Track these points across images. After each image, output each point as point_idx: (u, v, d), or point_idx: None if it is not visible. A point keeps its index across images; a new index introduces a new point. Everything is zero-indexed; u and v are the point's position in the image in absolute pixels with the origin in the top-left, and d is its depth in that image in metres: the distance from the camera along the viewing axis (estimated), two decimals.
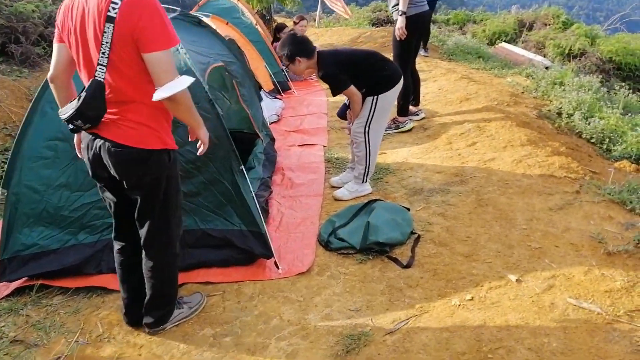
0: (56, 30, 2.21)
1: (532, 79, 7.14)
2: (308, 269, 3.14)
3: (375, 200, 3.75)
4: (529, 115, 5.27)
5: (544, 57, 9.50)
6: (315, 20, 14.03)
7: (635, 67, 8.49)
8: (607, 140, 4.94)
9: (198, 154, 2.44)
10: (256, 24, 7.49)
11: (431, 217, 3.50)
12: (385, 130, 5.29)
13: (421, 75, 7.26)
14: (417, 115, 5.53)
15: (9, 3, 7.41)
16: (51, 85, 2.33)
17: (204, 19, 5.80)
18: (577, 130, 5.17)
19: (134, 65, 2.03)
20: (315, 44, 3.78)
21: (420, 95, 5.99)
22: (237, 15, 7.55)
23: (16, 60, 7.12)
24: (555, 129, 5.16)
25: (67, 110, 2.12)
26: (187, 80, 2.03)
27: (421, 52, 8.78)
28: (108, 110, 2.12)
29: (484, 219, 3.36)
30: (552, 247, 2.95)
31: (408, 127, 5.27)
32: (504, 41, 10.79)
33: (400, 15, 4.78)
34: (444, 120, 5.33)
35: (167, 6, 4.70)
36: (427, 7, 5.06)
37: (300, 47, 3.61)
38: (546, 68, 8.34)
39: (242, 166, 3.36)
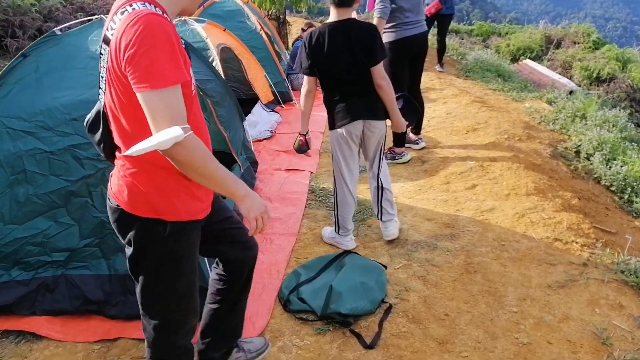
0: None
1: (553, 105, 6.56)
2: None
3: (349, 252, 3.28)
4: (541, 154, 4.72)
5: (570, 78, 8.86)
6: None
7: None
8: (630, 189, 4.38)
9: (249, 234, 1.78)
10: (260, 30, 7.04)
11: (410, 279, 3.02)
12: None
13: (431, 95, 6.78)
14: (417, 144, 5.03)
15: None
16: None
17: (197, 25, 5.41)
18: (595, 175, 4.61)
19: (131, 104, 1.51)
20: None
21: (425, 119, 5.49)
22: (242, 19, 7.12)
23: (12, 54, 6.83)
24: (571, 171, 4.60)
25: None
26: (168, 134, 1.40)
27: (436, 67, 8.26)
28: (116, 152, 1.73)
29: (469, 292, 2.86)
30: (543, 342, 2.44)
31: (405, 159, 4.77)
32: (529, 58, 10.15)
33: None
34: (446, 153, 4.81)
35: None
36: (422, 29, 4.52)
37: None
38: (570, 92, 7.73)
39: None
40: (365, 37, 2.97)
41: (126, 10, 1.48)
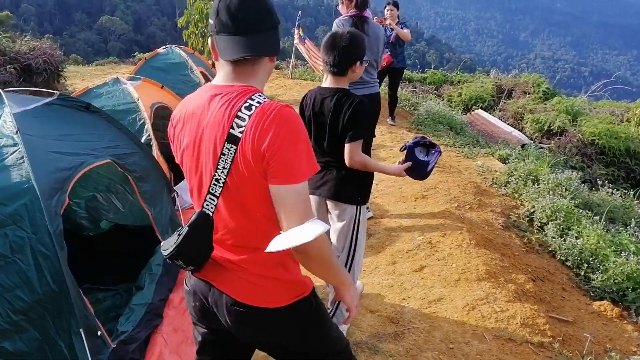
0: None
1: (506, 162, 6.37)
2: None
3: None
4: (493, 225, 4.43)
5: (522, 130, 8.80)
6: (289, 67, 13.31)
7: (620, 152, 7.74)
8: (586, 265, 4.10)
9: (342, 322, 1.92)
10: (205, 83, 6.67)
11: None
12: None
13: (381, 153, 6.49)
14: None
15: None
16: None
17: (129, 85, 5.00)
18: (550, 249, 4.34)
19: (259, 200, 1.52)
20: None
21: (374, 183, 5.15)
22: (186, 72, 6.77)
23: None
24: (524, 245, 4.32)
25: (167, 246, 1.63)
26: (314, 230, 1.43)
27: (388, 120, 8.05)
28: (225, 256, 1.64)
29: None
30: None
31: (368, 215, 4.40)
32: (481, 108, 10.12)
33: None
34: (393, 224, 4.46)
35: (43, 89, 3.94)
36: (374, 90, 4.23)
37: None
38: (522, 146, 7.62)
39: (82, 329, 2.48)
40: (346, 112, 2.63)
41: (251, 105, 1.47)
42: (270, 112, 1.44)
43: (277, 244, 1.43)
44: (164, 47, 7.23)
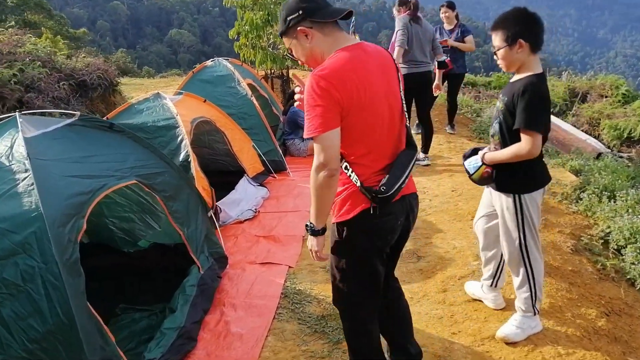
0: (327, 114, 1.91)
1: (579, 175, 5.80)
2: None
3: None
4: (561, 249, 3.96)
5: (598, 138, 8.09)
6: None
7: None
8: None
9: None
10: (251, 95, 6.58)
11: None
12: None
13: (440, 165, 6.13)
14: (423, 161, 6.03)
15: None
16: (331, 180, 1.96)
17: (168, 100, 4.95)
18: (628, 276, 3.82)
19: None
20: None
21: (427, 199, 4.89)
22: (233, 84, 6.69)
23: None
24: (597, 271, 3.82)
25: (390, 184, 2.06)
26: None
27: (446, 128, 7.64)
28: None
29: None
30: None
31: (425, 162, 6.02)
32: (552, 113, 9.42)
33: None
34: (445, 245, 4.10)
35: (64, 111, 3.93)
36: (425, 68, 5.79)
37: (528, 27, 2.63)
38: (598, 156, 6.97)
39: None
40: None
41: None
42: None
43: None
44: (211, 59, 7.21)
